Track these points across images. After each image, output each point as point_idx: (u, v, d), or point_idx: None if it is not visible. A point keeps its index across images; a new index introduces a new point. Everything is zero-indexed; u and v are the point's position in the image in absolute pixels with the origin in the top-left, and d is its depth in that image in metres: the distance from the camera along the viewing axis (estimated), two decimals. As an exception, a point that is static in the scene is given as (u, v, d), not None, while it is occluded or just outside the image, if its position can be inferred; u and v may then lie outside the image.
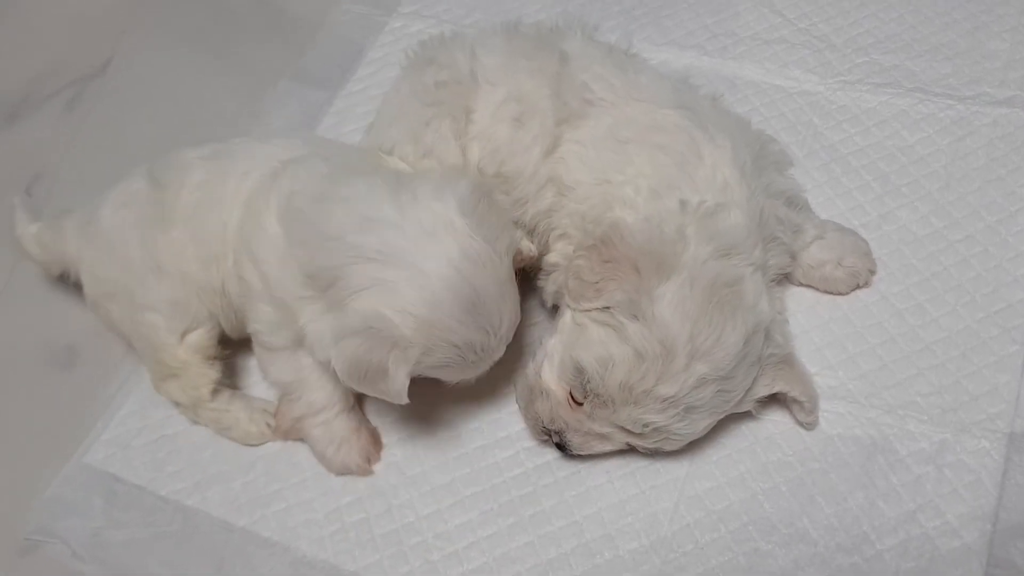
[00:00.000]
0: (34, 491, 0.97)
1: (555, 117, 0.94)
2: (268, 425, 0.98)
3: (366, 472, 0.94)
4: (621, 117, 0.93)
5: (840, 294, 1.00)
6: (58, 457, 0.99)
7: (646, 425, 0.84)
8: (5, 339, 1.11)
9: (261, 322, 0.90)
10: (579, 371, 0.85)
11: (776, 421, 0.94)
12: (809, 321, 0.99)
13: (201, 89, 1.31)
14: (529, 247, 0.94)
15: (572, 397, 0.87)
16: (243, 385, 1.03)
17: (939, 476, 0.89)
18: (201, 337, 0.96)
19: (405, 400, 0.83)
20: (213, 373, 0.96)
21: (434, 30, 1.28)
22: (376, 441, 0.96)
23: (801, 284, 1.01)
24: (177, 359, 0.96)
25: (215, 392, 0.97)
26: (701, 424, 0.86)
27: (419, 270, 0.80)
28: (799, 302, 1.00)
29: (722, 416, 0.88)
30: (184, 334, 0.95)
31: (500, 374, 0.99)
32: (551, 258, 0.94)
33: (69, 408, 1.04)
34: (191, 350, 0.95)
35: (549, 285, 0.95)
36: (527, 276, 0.98)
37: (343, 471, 0.94)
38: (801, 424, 0.93)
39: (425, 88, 0.99)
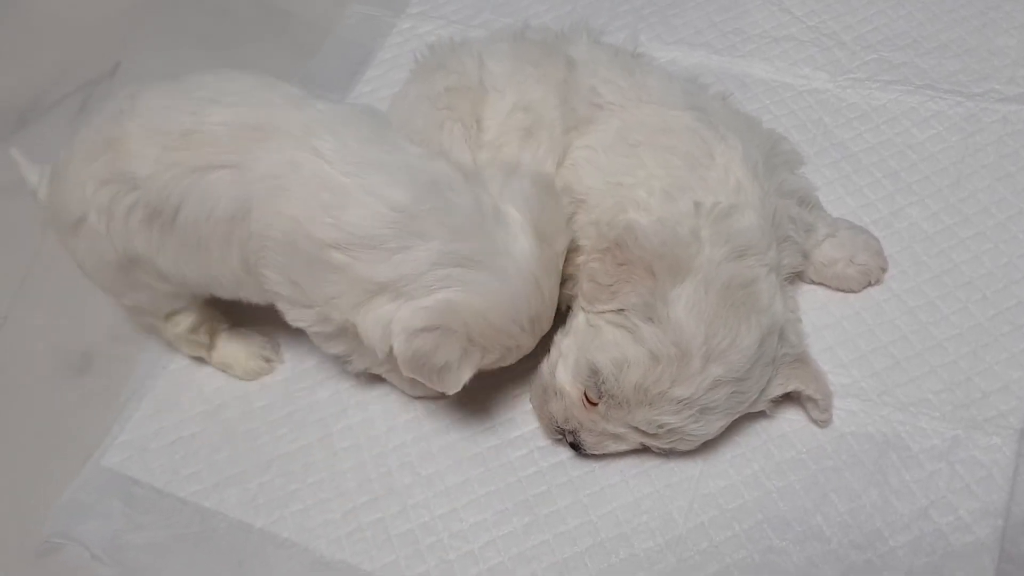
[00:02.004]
0: (52, 494, 0.98)
1: (563, 125, 0.94)
2: (266, 360, 1.02)
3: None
4: (630, 120, 0.93)
5: (852, 292, 1.01)
6: (76, 461, 1.00)
7: (661, 426, 0.85)
8: (21, 345, 1.12)
9: (302, 321, 0.90)
10: (594, 372, 0.85)
11: (789, 419, 0.94)
12: (821, 319, 0.99)
13: (209, 92, 1.31)
14: None
15: (586, 397, 0.88)
16: (244, 321, 1.05)
17: (951, 472, 0.89)
18: (186, 319, 0.99)
19: (453, 392, 0.85)
20: (202, 339, 1.01)
21: (443, 31, 1.29)
22: None
23: (813, 282, 1.01)
24: (166, 335, 1.01)
25: (213, 338, 1.02)
26: (716, 425, 0.87)
27: (503, 276, 0.82)
28: (811, 300, 1.00)
29: (737, 416, 0.89)
30: (168, 316, 0.99)
31: (512, 374, 1.00)
32: (566, 269, 0.94)
33: (85, 412, 1.04)
34: (178, 329, 1.00)
35: (563, 291, 0.95)
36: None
37: (426, 393, 0.97)
38: (815, 422, 0.93)
39: (436, 93, 0.99)
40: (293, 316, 0.90)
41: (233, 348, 1.03)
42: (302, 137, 0.83)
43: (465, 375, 0.84)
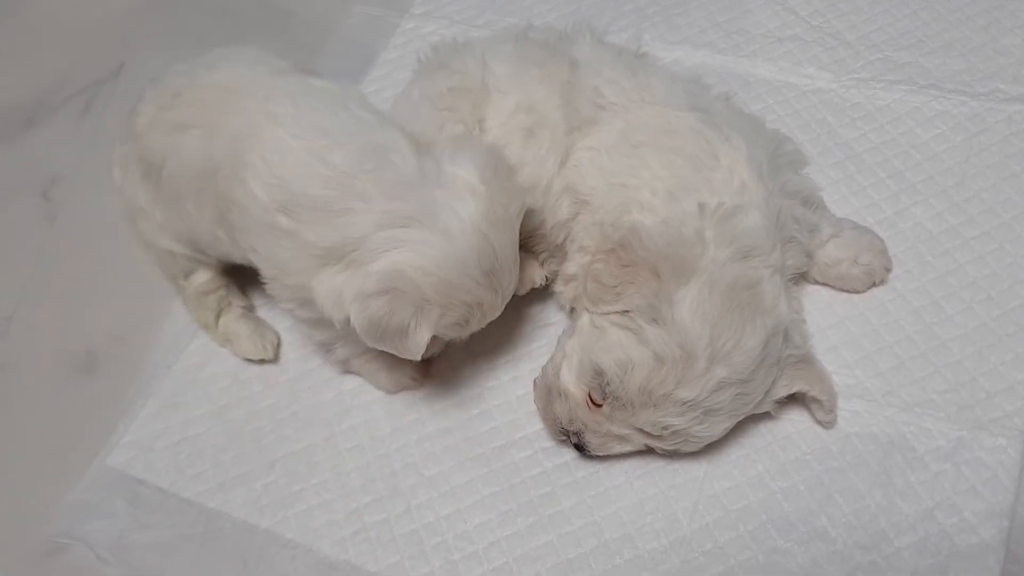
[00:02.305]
0: (57, 494, 0.98)
1: (566, 126, 0.94)
2: (263, 346, 1.04)
3: (420, 384, 1.00)
4: (634, 121, 0.93)
5: (856, 292, 1.00)
6: (81, 461, 1.00)
7: (665, 428, 0.85)
8: (26, 346, 1.12)
9: (280, 297, 0.91)
10: (598, 373, 0.85)
11: (794, 420, 0.94)
12: (825, 320, 0.99)
13: (213, 92, 1.32)
14: (541, 276, 0.97)
15: (591, 398, 0.88)
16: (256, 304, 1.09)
17: (956, 473, 0.89)
18: (200, 276, 1.03)
19: (419, 357, 0.86)
20: (212, 304, 1.05)
21: (446, 31, 1.29)
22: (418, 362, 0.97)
23: (817, 282, 1.01)
24: (184, 296, 1.06)
25: (223, 308, 1.05)
26: (720, 427, 0.87)
27: (445, 232, 0.82)
28: (815, 301, 1.00)
29: (741, 418, 0.89)
30: (188, 274, 1.04)
31: (516, 375, 1.00)
32: (569, 268, 0.94)
33: (90, 412, 1.05)
34: (190, 288, 1.04)
35: (568, 291, 0.95)
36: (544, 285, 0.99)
37: (400, 389, 1.00)
38: (819, 423, 0.93)
39: (438, 93, 1.00)
40: (270, 289, 0.92)
41: (239, 325, 1.05)
42: (263, 102, 0.88)
43: (424, 336, 0.84)
